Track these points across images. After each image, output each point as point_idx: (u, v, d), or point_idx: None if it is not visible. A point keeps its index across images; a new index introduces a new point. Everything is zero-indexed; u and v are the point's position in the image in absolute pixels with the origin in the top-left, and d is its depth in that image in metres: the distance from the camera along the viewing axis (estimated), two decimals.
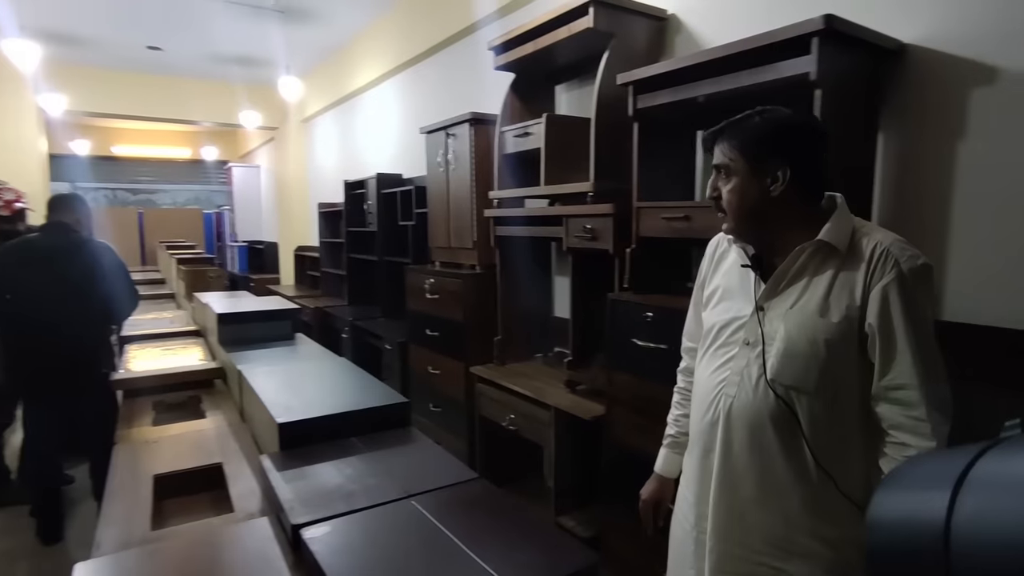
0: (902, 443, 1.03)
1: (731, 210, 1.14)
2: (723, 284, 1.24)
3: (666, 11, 2.46)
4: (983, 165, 1.61)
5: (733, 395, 1.14)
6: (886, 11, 1.75)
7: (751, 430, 1.12)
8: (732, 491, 1.16)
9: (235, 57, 6.30)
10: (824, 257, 1.09)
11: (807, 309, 1.08)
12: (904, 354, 1.02)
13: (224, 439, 1.98)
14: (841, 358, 1.06)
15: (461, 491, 1.44)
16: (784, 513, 1.11)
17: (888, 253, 1.04)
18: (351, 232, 5.27)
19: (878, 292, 1.03)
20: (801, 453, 1.09)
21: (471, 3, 3.76)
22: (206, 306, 3.27)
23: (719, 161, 1.15)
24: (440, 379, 3.47)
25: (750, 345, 1.13)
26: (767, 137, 1.11)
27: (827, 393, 1.07)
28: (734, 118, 1.16)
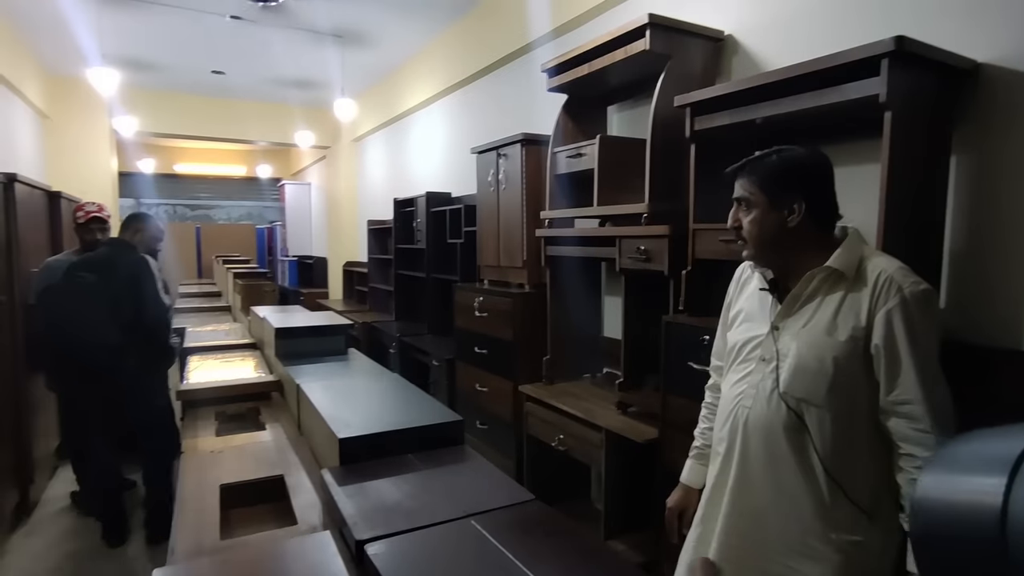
0: (910, 454, 1.12)
1: (751, 239, 1.26)
2: (745, 307, 1.37)
3: (723, 32, 2.45)
4: None
5: (749, 407, 1.26)
6: (957, 29, 1.70)
7: (765, 439, 1.23)
8: (748, 495, 1.26)
9: (292, 80, 6.57)
10: (834, 282, 1.20)
11: (816, 329, 1.19)
12: (908, 372, 1.12)
13: (284, 451, 2.04)
14: (847, 374, 1.16)
15: (519, 512, 1.45)
16: (798, 517, 1.20)
17: (891, 280, 1.14)
18: (400, 249, 5.38)
19: (882, 316, 1.13)
20: (811, 461, 1.18)
21: (522, 26, 3.83)
22: (263, 320, 3.38)
23: (740, 195, 1.28)
24: (487, 397, 3.48)
25: (765, 361, 1.25)
26: (784, 174, 1.24)
27: (835, 406, 1.16)
28: (754, 156, 1.28)
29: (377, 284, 6.20)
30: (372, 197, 7.16)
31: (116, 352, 2.70)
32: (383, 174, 6.81)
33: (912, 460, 1.12)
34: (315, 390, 2.18)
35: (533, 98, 3.77)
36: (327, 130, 7.99)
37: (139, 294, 2.76)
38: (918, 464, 1.11)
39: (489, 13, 4.27)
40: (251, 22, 4.77)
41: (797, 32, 2.19)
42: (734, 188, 1.29)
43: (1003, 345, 1.65)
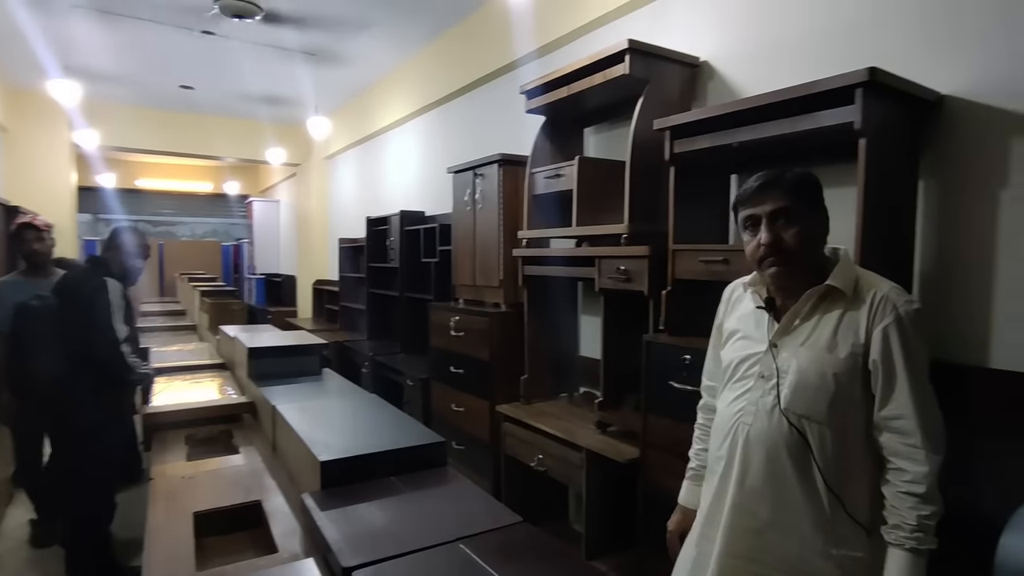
0: (900, 468, 1.15)
1: (795, 252, 1.21)
2: (740, 326, 1.37)
3: (699, 58, 2.52)
4: None
5: (750, 423, 1.25)
6: (922, 63, 1.79)
7: (767, 456, 1.22)
8: (748, 514, 1.25)
9: (263, 96, 6.50)
10: (832, 300, 1.22)
11: (817, 346, 1.21)
12: (902, 388, 1.15)
13: (259, 475, 1.98)
14: (847, 390, 1.18)
15: (507, 535, 1.43)
16: (798, 534, 1.20)
17: (887, 298, 1.18)
18: (372, 267, 5.33)
19: (879, 333, 1.17)
20: (813, 477, 1.19)
21: (498, 48, 3.88)
22: (234, 339, 3.29)
23: (780, 206, 1.22)
24: (464, 417, 3.44)
25: (765, 378, 1.25)
26: (816, 189, 1.26)
27: (835, 422, 1.18)
28: (779, 171, 1.25)
29: (348, 303, 6.12)
30: (344, 215, 7.09)
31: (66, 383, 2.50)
32: (355, 192, 6.77)
33: (901, 474, 1.14)
34: (292, 411, 2.12)
35: (509, 119, 3.81)
36: (298, 147, 7.91)
37: (88, 322, 2.51)
38: (907, 478, 1.13)
39: (465, 35, 4.31)
40: (223, 37, 4.72)
41: (769, 61, 2.27)
42: (756, 204, 1.24)
43: (970, 363, 1.71)
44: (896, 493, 1.15)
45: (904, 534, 1.12)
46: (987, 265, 1.69)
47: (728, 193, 2.38)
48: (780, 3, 2.23)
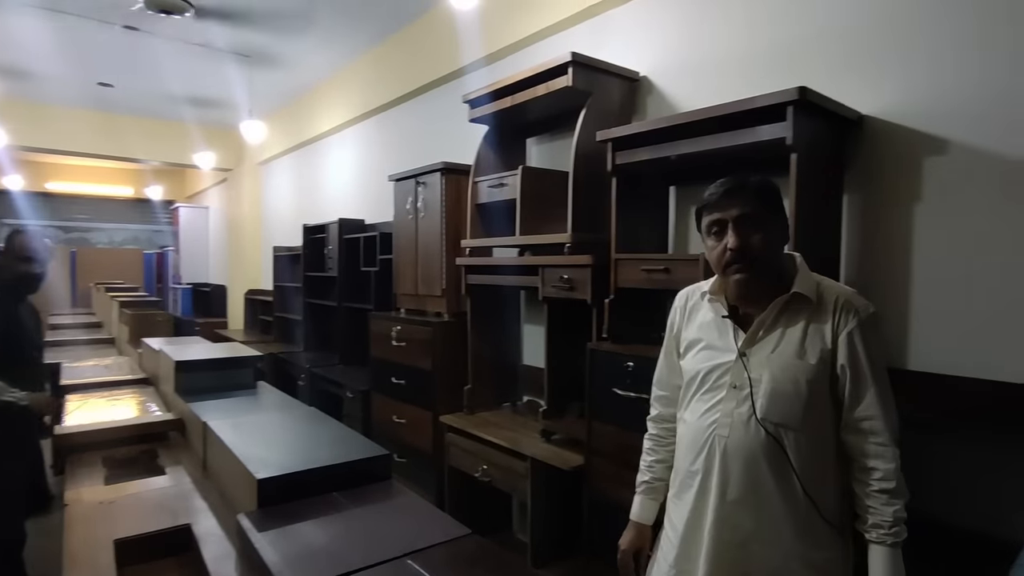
0: (871, 467, 1.18)
1: (763, 257, 1.22)
2: (702, 335, 1.34)
3: (638, 73, 2.60)
4: (938, 226, 1.75)
5: (726, 435, 1.23)
6: (846, 84, 1.91)
7: (746, 467, 1.21)
8: (731, 527, 1.22)
9: (191, 97, 6.20)
10: (796, 307, 1.23)
11: (787, 353, 1.21)
12: (869, 390, 1.19)
13: (188, 497, 1.86)
14: (819, 395, 1.20)
15: (456, 548, 1.40)
16: (780, 542, 1.21)
17: (849, 303, 1.22)
18: (309, 276, 5.16)
19: (845, 337, 1.20)
20: (791, 485, 1.20)
21: (441, 57, 3.87)
22: (159, 352, 3.10)
23: (746, 211, 1.21)
24: (406, 429, 3.38)
25: (737, 388, 1.23)
26: (777, 195, 1.26)
27: (809, 427, 1.20)
28: (742, 177, 1.25)
29: (284, 313, 5.90)
30: (279, 222, 6.85)
31: None
32: (291, 199, 6.55)
33: (873, 473, 1.17)
34: (224, 428, 2.01)
35: (452, 127, 3.79)
36: (229, 151, 7.59)
37: None
38: (879, 476, 1.17)
39: (408, 41, 4.28)
40: (147, 33, 4.48)
41: (704, 77, 2.37)
42: (721, 208, 1.23)
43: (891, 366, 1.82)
44: (870, 492, 1.18)
45: (883, 531, 1.15)
46: (904, 275, 1.81)
47: (667, 204, 2.45)
48: (713, 23, 2.33)
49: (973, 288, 1.68)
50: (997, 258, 1.64)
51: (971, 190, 1.68)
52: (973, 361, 1.66)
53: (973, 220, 1.68)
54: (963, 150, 1.70)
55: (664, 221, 2.45)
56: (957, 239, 1.71)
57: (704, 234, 1.29)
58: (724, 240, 1.23)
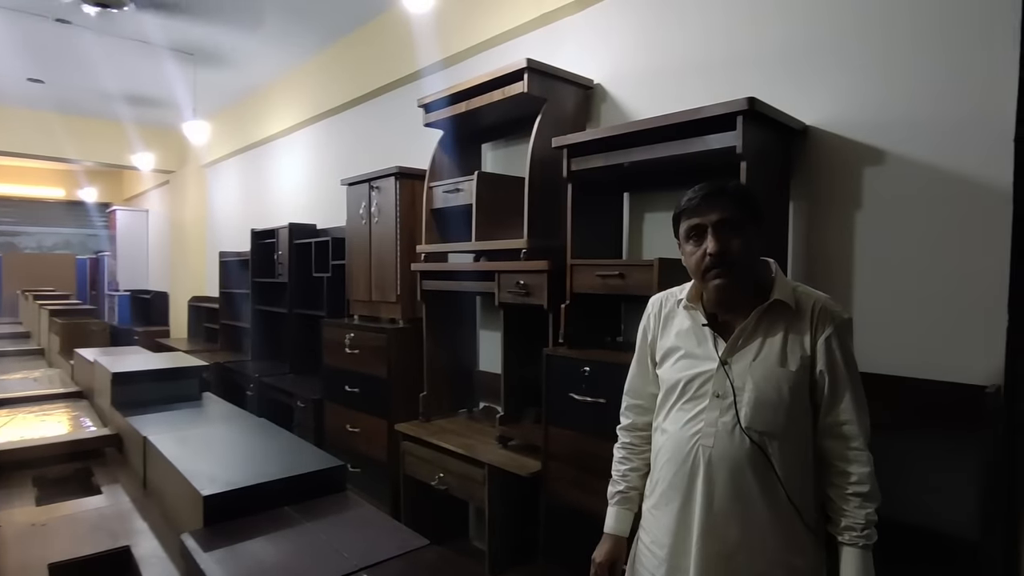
0: (846, 471, 1.19)
1: (742, 262, 1.21)
2: (680, 343, 1.32)
3: (593, 81, 2.63)
4: (877, 232, 1.83)
5: (711, 445, 1.21)
6: (793, 95, 1.98)
7: (732, 476, 1.19)
8: (718, 538, 1.21)
9: (129, 95, 5.93)
10: (774, 313, 1.23)
11: (769, 361, 1.21)
12: (846, 395, 1.20)
13: (127, 517, 1.76)
14: (799, 402, 1.20)
15: (415, 560, 1.36)
16: (764, 551, 1.20)
17: (825, 309, 1.22)
18: (258, 283, 5.00)
19: (823, 343, 1.20)
20: (776, 493, 1.19)
21: (395, 60, 3.82)
22: (93, 364, 2.93)
23: (726, 216, 1.20)
24: (360, 438, 3.31)
25: (720, 397, 1.22)
26: (757, 200, 1.25)
27: (791, 435, 1.20)
28: (721, 182, 1.25)
29: (231, 321, 5.69)
30: (225, 227, 6.62)
31: None
32: (239, 203, 6.34)
33: (847, 477, 1.18)
34: (167, 442, 1.91)
35: (407, 131, 3.75)
36: (171, 153, 7.30)
37: None
38: (854, 480, 1.18)
39: (361, 43, 4.21)
40: (82, 28, 4.26)
41: (655, 86, 2.42)
42: (701, 214, 1.22)
43: None
44: (844, 495, 1.19)
45: (856, 534, 1.17)
46: (847, 279, 1.89)
47: (621, 210, 2.49)
48: (665, 34, 2.38)
49: (911, 292, 1.77)
50: (933, 263, 1.73)
51: (907, 198, 1.77)
52: (912, 361, 1.75)
53: (909, 227, 1.77)
54: (899, 160, 1.79)
55: (619, 227, 2.48)
56: (895, 245, 1.80)
57: (682, 239, 1.27)
58: (703, 245, 1.21)
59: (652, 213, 2.44)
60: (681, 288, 1.37)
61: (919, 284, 1.75)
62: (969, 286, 1.67)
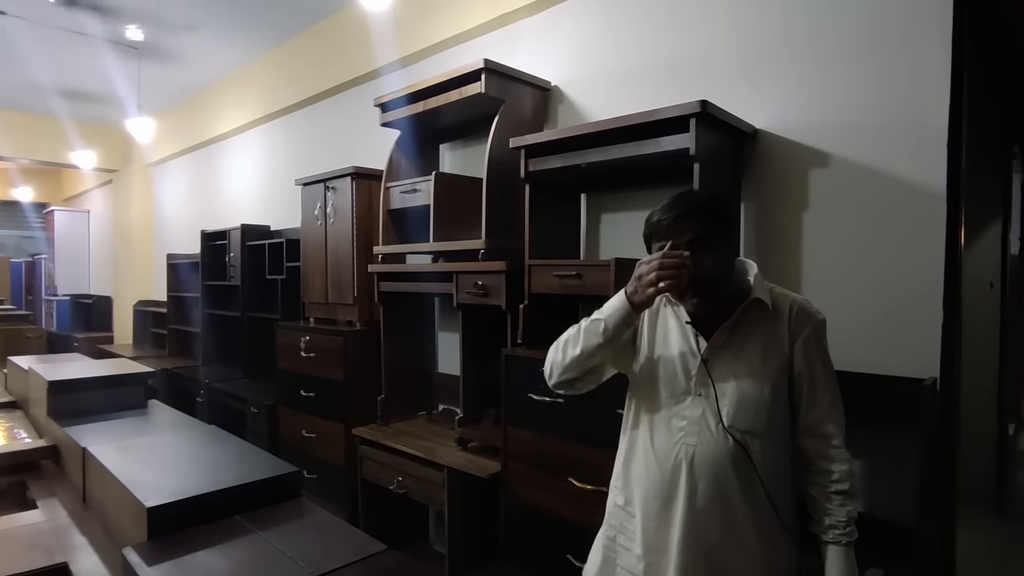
0: (826, 470, 1.20)
1: (718, 280, 1.19)
2: (662, 338, 1.30)
3: (550, 83, 2.64)
4: (823, 233, 1.90)
5: (694, 444, 1.20)
6: (743, 99, 2.04)
7: (715, 474, 1.18)
8: (698, 537, 1.19)
9: (67, 90, 5.64)
10: (755, 313, 1.23)
11: (751, 360, 1.21)
12: (823, 394, 1.22)
13: (64, 532, 1.67)
14: (779, 401, 1.21)
15: (372, 566, 1.34)
16: (746, 550, 1.20)
17: (802, 310, 1.24)
18: (208, 286, 4.84)
19: (801, 343, 1.21)
20: (757, 492, 1.19)
21: (351, 58, 3.76)
22: (28, 372, 2.78)
23: (699, 235, 1.17)
24: (317, 443, 3.23)
25: (702, 396, 1.21)
26: (728, 209, 1.25)
27: (771, 433, 1.20)
28: (689, 197, 1.23)
29: (179, 325, 5.49)
30: (173, 228, 6.38)
31: None
32: (188, 203, 6.12)
33: (828, 475, 1.20)
34: (108, 452, 1.83)
35: (363, 131, 3.70)
36: (114, 151, 6.99)
37: None
38: (835, 478, 1.19)
39: (317, 41, 4.12)
40: (13, 17, 4.03)
41: (612, 89, 2.45)
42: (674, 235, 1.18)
43: None
44: (826, 494, 1.20)
45: (839, 531, 1.18)
46: (796, 278, 1.95)
47: (579, 211, 2.51)
48: (621, 37, 2.41)
49: (854, 290, 1.84)
50: (874, 262, 1.80)
51: (850, 200, 1.85)
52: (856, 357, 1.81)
53: (851, 227, 1.84)
54: (842, 163, 1.86)
55: (576, 227, 2.50)
56: (839, 245, 1.87)
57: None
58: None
59: (609, 214, 2.47)
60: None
61: (861, 283, 1.83)
62: (907, 284, 1.74)
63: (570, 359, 1.27)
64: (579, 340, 1.26)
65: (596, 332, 1.22)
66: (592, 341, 1.23)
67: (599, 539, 1.39)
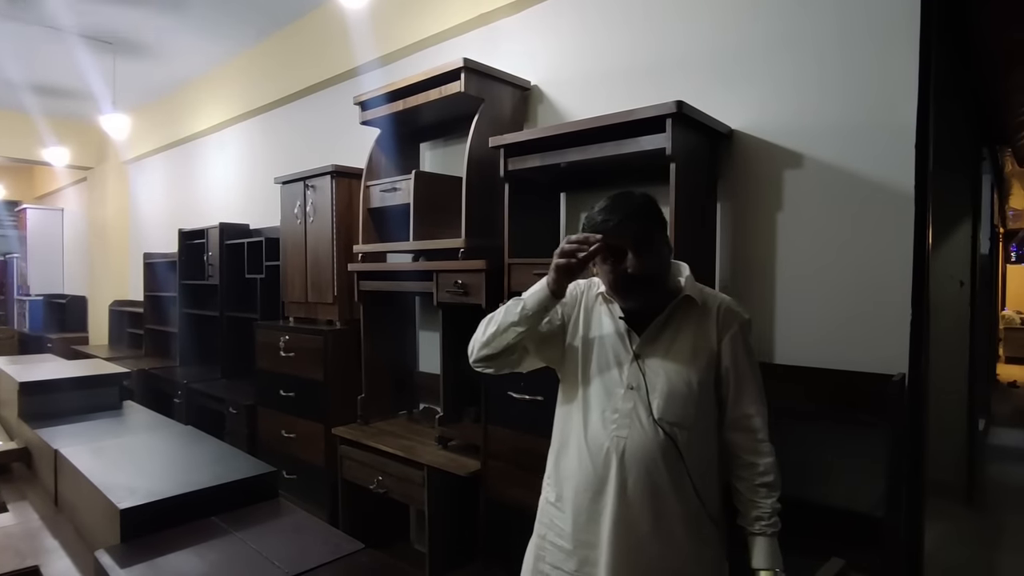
0: (752, 463, 1.26)
1: (656, 277, 1.24)
2: (596, 334, 1.32)
3: (530, 82, 2.65)
4: (797, 233, 1.93)
5: (626, 436, 1.22)
6: (719, 100, 2.06)
7: (645, 466, 1.21)
8: (629, 529, 1.21)
9: (38, 85, 5.52)
10: (686, 311, 1.28)
11: (681, 355, 1.25)
12: (750, 389, 1.27)
13: (36, 536, 1.64)
14: (706, 395, 1.26)
15: (349, 565, 1.34)
16: (675, 543, 1.22)
17: (729, 310, 1.29)
18: (186, 285, 4.78)
19: (728, 341, 1.26)
20: (685, 484, 1.22)
21: (331, 56, 3.74)
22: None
23: (639, 236, 1.21)
24: (296, 443, 3.21)
25: (634, 389, 1.24)
26: (659, 212, 1.27)
27: (699, 428, 1.24)
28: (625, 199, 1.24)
29: (156, 325, 5.41)
30: (150, 227, 6.28)
31: None
32: (165, 202, 6.03)
33: (754, 468, 1.25)
34: (81, 455, 1.80)
35: (343, 129, 3.68)
36: (88, 148, 6.86)
37: None
38: (760, 470, 1.24)
39: (296, 38, 4.09)
40: None
41: (590, 89, 2.46)
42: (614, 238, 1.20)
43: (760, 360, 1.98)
44: (752, 486, 1.25)
45: (765, 523, 1.23)
46: (770, 277, 1.98)
47: (558, 210, 2.53)
48: (599, 38, 2.43)
49: (827, 288, 1.87)
50: (845, 261, 1.84)
51: (822, 199, 1.88)
52: (828, 354, 1.85)
53: (824, 226, 1.88)
54: (815, 164, 1.90)
55: (555, 226, 2.52)
56: (812, 244, 1.90)
57: (598, 260, 1.25)
58: (620, 267, 1.21)
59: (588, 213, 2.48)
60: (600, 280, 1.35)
61: (833, 281, 1.86)
62: (877, 282, 1.78)
63: (487, 335, 1.29)
64: (498, 318, 1.29)
65: (514, 312, 1.26)
66: (509, 319, 1.26)
67: (532, 539, 1.40)
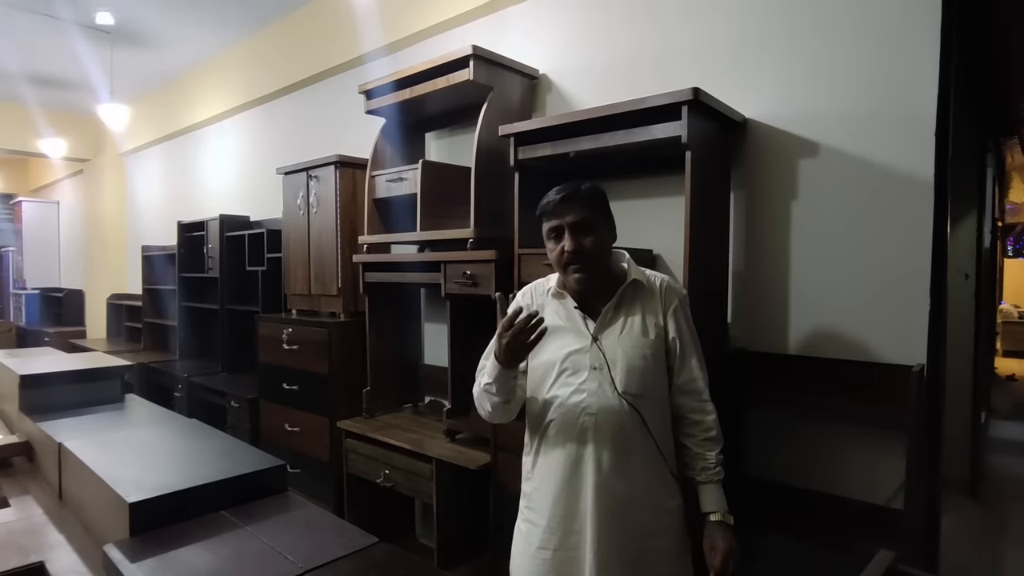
0: (699, 421, 1.43)
1: (595, 258, 1.38)
2: (553, 327, 1.39)
3: (538, 71, 2.61)
4: (812, 222, 1.91)
5: (595, 412, 1.35)
6: (732, 89, 2.03)
7: (615, 436, 1.35)
8: (610, 494, 1.34)
9: (33, 76, 5.45)
10: (632, 293, 1.42)
11: (634, 333, 1.39)
12: (692, 356, 1.43)
13: (40, 531, 1.61)
14: (659, 365, 1.41)
15: (364, 559, 1.31)
16: (646, 500, 1.37)
17: (670, 287, 1.45)
18: (186, 278, 4.74)
19: (671, 314, 1.42)
20: (650, 445, 1.37)
21: (334, 45, 3.69)
22: None
23: (580, 217, 1.36)
24: (300, 437, 3.18)
25: (597, 369, 1.37)
26: (605, 201, 1.43)
27: (656, 395, 1.40)
28: (575, 185, 1.39)
29: (156, 319, 5.37)
30: (148, 219, 6.23)
31: None
32: (163, 194, 5.98)
33: (699, 425, 1.43)
34: (86, 448, 1.76)
35: (347, 119, 3.63)
36: (85, 139, 6.80)
37: None
38: (705, 427, 1.42)
39: (298, 26, 4.04)
40: None
41: (601, 77, 2.43)
42: (559, 215, 1.37)
43: (774, 351, 1.96)
44: (699, 441, 1.42)
45: (711, 472, 1.41)
46: (784, 266, 1.96)
47: None
48: (609, 25, 2.39)
49: (844, 279, 1.85)
50: (863, 251, 1.81)
51: (839, 189, 1.85)
52: (845, 344, 1.83)
53: (841, 216, 1.85)
54: (831, 153, 1.87)
55: None
56: (828, 234, 1.87)
57: (545, 237, 1.42)
58: (562, 243, 1.37)
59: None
60: (547, 279, 1.52)
61: (851, 271, 1.84)
62: (896, 272, 1.76)
63: (488, 416, 1.47)
64: (484, 404, 1.45)
65: (492, 395, 1.41)
66: (493, 401, 1.42)
67: (516, 527, 1.52)
